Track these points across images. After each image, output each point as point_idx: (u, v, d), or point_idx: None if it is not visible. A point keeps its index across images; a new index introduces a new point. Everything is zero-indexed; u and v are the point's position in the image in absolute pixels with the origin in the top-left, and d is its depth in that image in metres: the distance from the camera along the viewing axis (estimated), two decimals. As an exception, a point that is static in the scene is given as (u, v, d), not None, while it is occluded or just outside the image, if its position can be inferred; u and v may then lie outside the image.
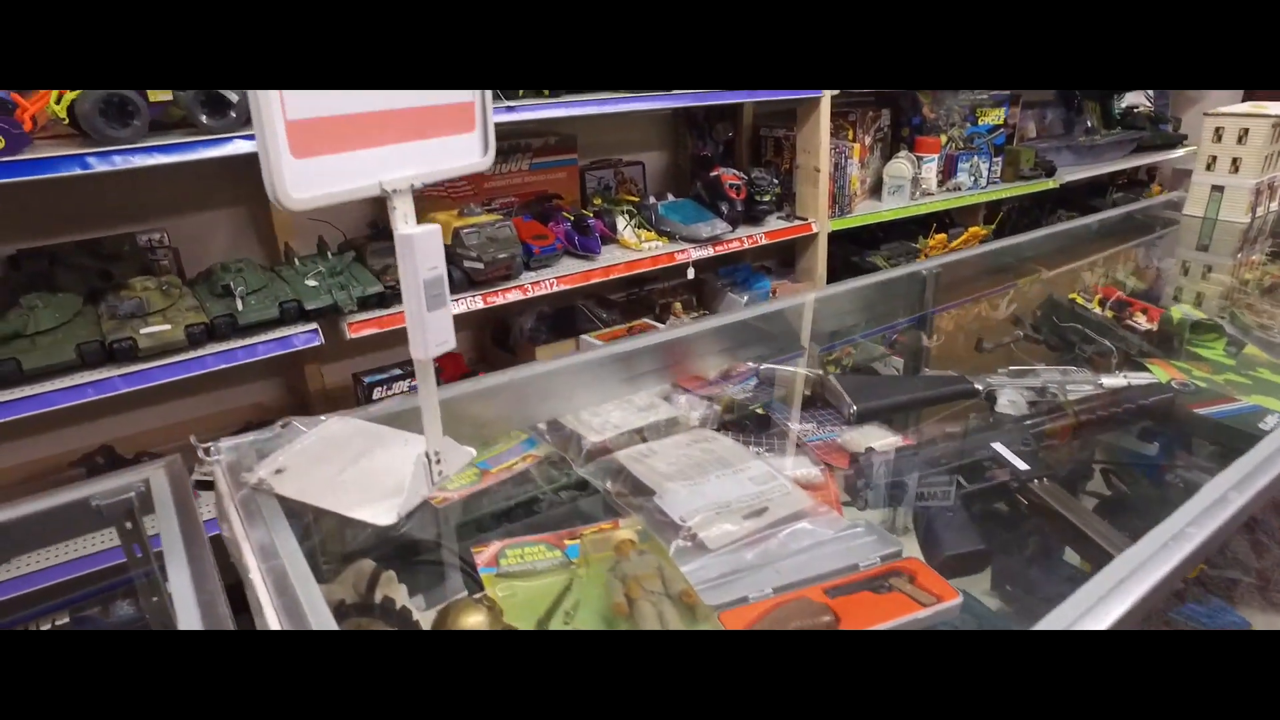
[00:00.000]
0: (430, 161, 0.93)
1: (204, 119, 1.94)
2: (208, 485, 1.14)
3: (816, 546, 1.14)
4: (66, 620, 1.95)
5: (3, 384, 1.87)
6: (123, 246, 2.31)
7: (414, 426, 1.14)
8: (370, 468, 1.05)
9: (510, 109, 2.32)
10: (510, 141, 2.85)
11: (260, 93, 0.74)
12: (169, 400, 2.59)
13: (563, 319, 2.93)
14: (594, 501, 1.29)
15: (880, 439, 1.41)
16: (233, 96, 1.95)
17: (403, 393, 2.38)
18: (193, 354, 2.03)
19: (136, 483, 1.07)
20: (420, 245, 0.87)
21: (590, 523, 1.23)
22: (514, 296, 2.45)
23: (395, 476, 1.03)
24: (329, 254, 2.38)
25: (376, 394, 2.32)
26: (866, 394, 1.54)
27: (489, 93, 1.02)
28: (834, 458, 1.38)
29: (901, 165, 3.50)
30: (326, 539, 1.07)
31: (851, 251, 3.58)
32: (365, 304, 2.23)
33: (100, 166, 1.84)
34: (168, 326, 1.99)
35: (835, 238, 3.27)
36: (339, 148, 0.78)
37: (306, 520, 1.01)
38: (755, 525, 1.14)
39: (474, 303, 2.38)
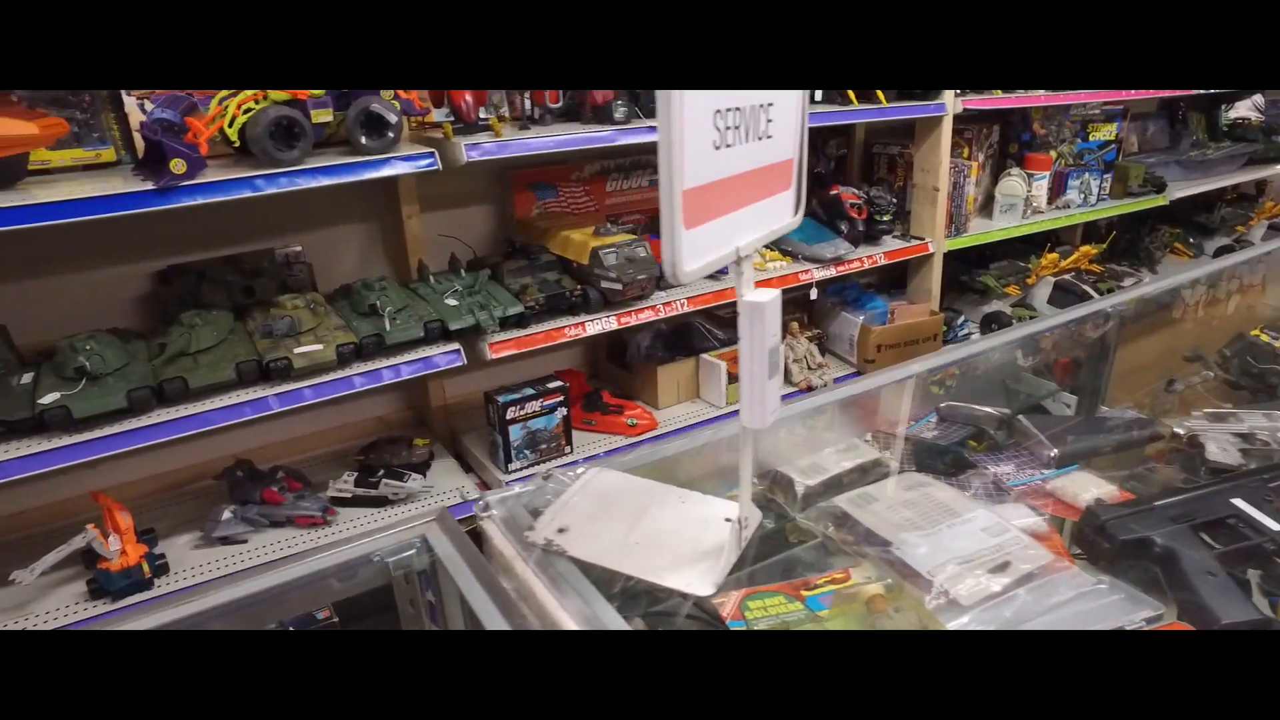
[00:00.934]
0: (763, 223, 0.89)
1: (363, 140, 1.95)
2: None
3: (1068, 605, 1.09)
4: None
5: (170, 401, 1.89)
6: (263, 262, 2.33)
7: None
8: (658, 529, 1.02)
9: (652, 129, 2.30)
10: (633, 158, 2.83)
11: (673, 160, 0.68)
12: (293, 413, 2.61)
13: (679, 336, 2.90)
14: (810, 548, 1.26)
15: (1095, 487, 1.36)
16: (390, 117, 1.95)
17: (536, 413, 2.36)
18: (340, 374, 2.04)
19: (413, 539, 1.05)
20: (770, 313, 0.82)
21: (813, 570, 1.20)
22: (646, 317, 2.43)
23: (691, 540, 1.00)
24: (461, 271, 2.38)
25: (510, 413, 2.31)
26: (1062, 436, 1.48)
27: (805, 148, 0.98)
28: (1053, 506, 1.32)
29: (1015, 183, 3.42)
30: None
31: (960, 270, 3.50)
32: (505, 324, 2.23)
33: (268, 189, 1.85)
34: (319, 346, 2.00)
35: (944, 257, 3.19)
36: (711, 215, 0.74)
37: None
38: (1005, 581, 1.10)
39: (608, 323, 2.36)
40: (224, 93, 1.94)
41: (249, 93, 1.86)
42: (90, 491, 2.08)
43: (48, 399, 1.78)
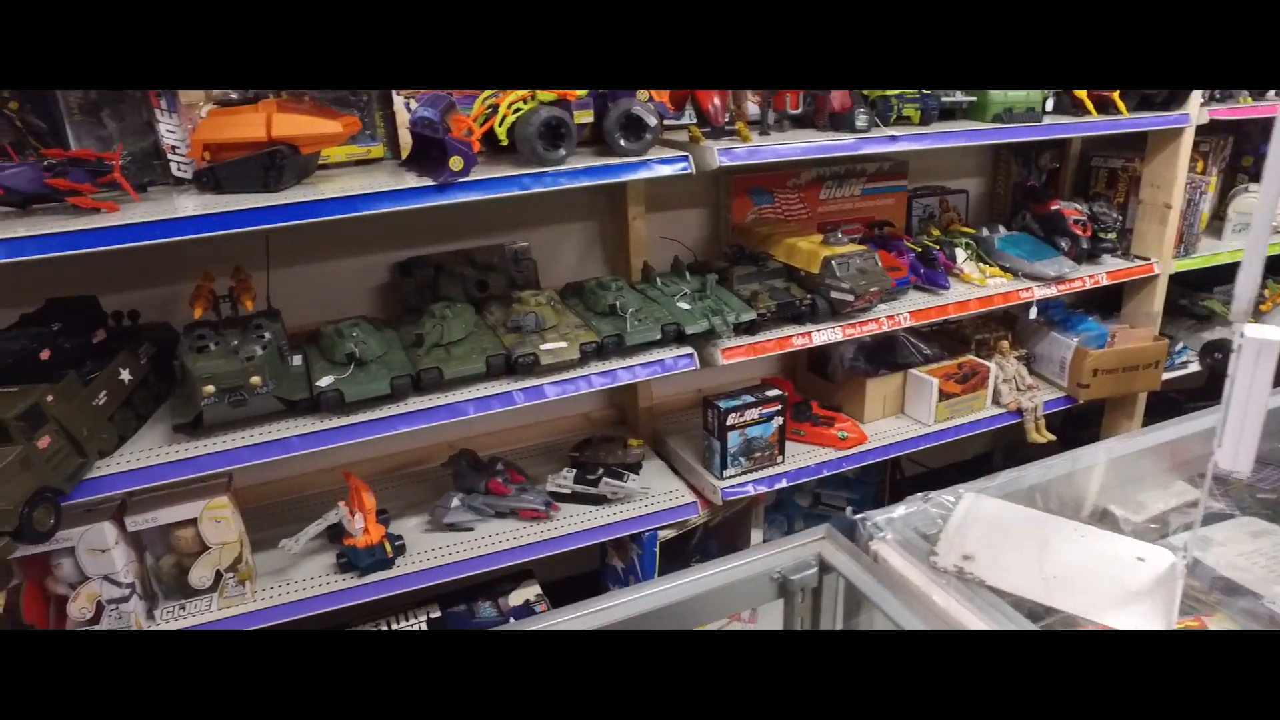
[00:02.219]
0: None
1: (622, 142, 1.96)
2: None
3: None
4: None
5: (426, 390, 1.95)
6: (494, 257, 2.39)
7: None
8: (1068, 563, 0.97)
9: (893, 139, 2.24)
10: (847, 166, 2.77)
11: None
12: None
13: (882, 350, 2.82)
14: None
15: None
16: (650, 120, 1.96)
17: (753, 421, 2.34)
18: (579, 372, 2.06)
19: (809, 559, 1.04)
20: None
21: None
22: (871, 329, 2.37)
23: (1113, 579, 0.95)
24: (686, 274, 2.37)
25: (730, 420, 2.29)
26: None
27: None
28: None
29: (1252, 200, 3.17)
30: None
31: (1179, 294, 3.27)
32: (736, 330, 2.21)
33: (535, 188, 1.88)
34: (564, 344, 2.03)
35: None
36: None
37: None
38: None
39: (833, 334, 2.31)
40: (487, 93, 2.00)
41: (519, 93, 1.90)
42: (342, 471, 2.17)
43: (324, 382, 1.87)
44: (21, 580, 1.84)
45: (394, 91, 2.08)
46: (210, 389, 1.73)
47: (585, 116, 1.96)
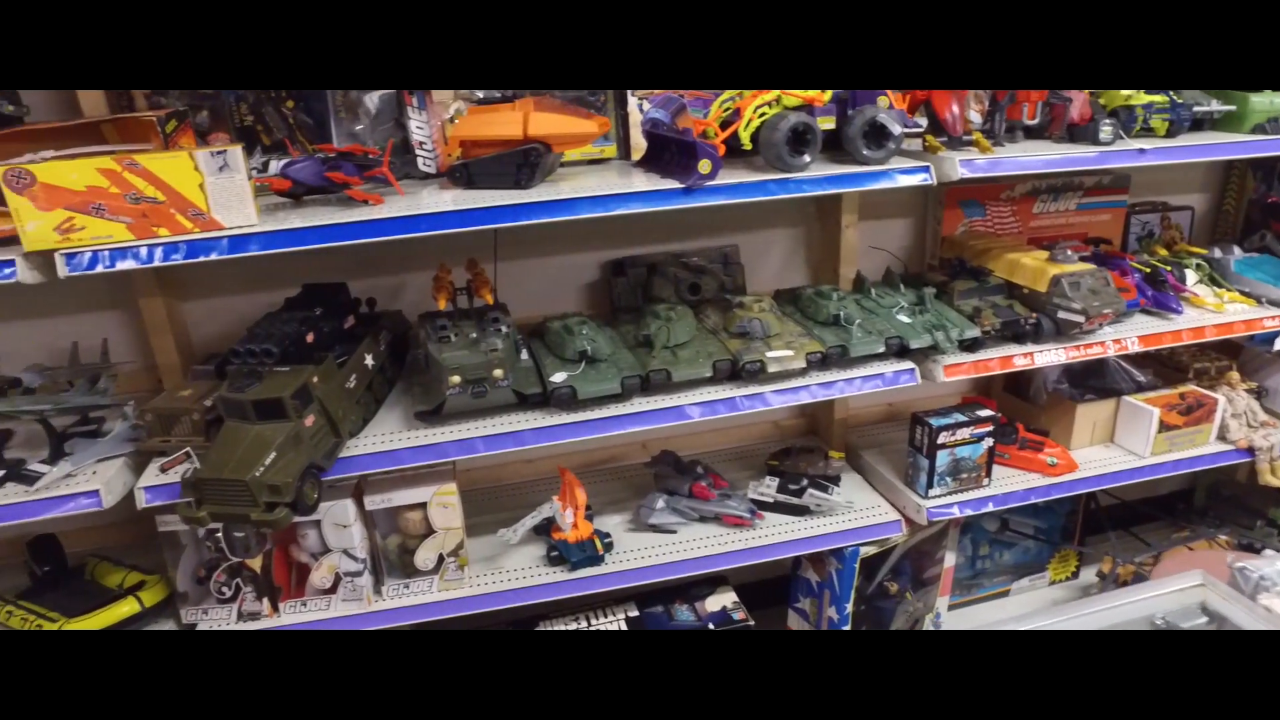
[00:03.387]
0: None
1: (865, 150, 1.91)
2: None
3: None
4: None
5: (653, 391, 1.96)
6: (708, 260, 2.38)
7: None
8: None
9: (1141, 153, 2.10)
10: (1064, 179, 2.63)
11: None
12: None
13: (1090, 374, 2.67)
14: None
15: None
16: (894, 128, 1.90)
17: (964, 441, 2.25)
18: (801, 381, 2.03)
19: (1193, 606, 0.98)
20: None
21: None
22: (1096, 352, 2.23)
23: None
24: (900, 286, 2.30)
25: (942, 439, 2.20)
26: None
27: None
28: None
29: None
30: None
31: None
32: (959, 347, 2.13)
33: (779, 193, 1.86)
34: (790, 352, 1.99)
35: None
36: None
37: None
38: None
39: (1057, 355, 2.20)
40: (725, 95, 1.99)
41: (765, 95, 1.87)
42: (558, 466, 2.21)
43: (557, 378, 1.89)
44: (272, 546, 1.95)
45: (629, 93, 2.10)
46: (457, 379, 1.78)
47: (827, 123, 1.92)
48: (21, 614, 1.96)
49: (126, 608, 1.90)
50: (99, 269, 1.59)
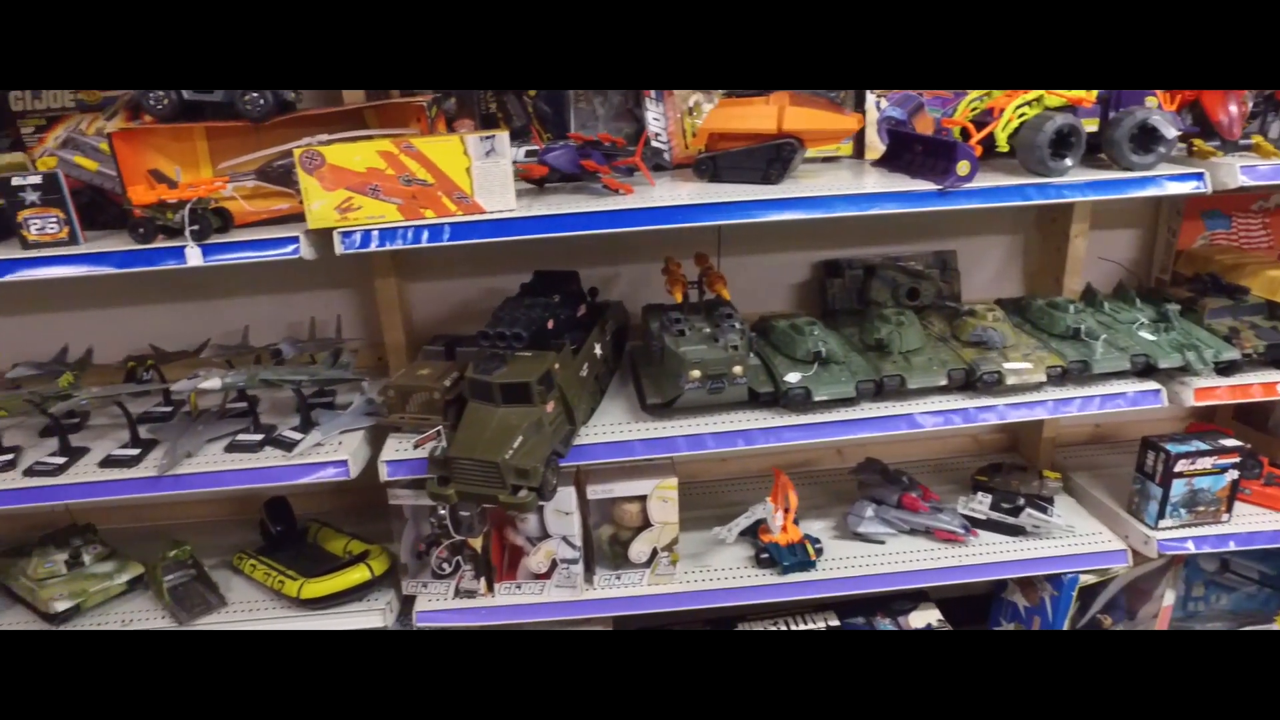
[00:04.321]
0: None
1: (1132, 155, 1.79)
2: None
3: None
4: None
5: (886, 396, 1.90)
6: (926, 265, 2.30)
7: None
8: None
9: None
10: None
11: None
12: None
13: (1336, 407, 2.44)
14: None
15: None
16: (1168, 132, 1.77)
17: (1204, 471, 2.08)
18: (1035, 396, 1.92)
19: None
20: None
21: None
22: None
23: None
24: (1136, 301, 2.15)
25: (1180, 466, 2.05)
26: None
27: None
28: None
29: None
30: None
31: None
32: (1215, 369, 1.98)
33: (1037, 199, 1.76)
34: (1028, 365, 1.89)
35: None
36: None
37: None
38: None
39: (1321, 385, 2.01)
40: (973, 94, 1.90)
41: (1027, 95, 1.78)
42: (773, 467, 2.17)
43: (792, 378, 1.85)
44: (490, 528, 1.98)
45: (868, 91, 2.04)
46: (697, 374, 1.77)
47: (1090, 125, 1.81)
48: (264, 568, 2.06)
49: (358, 574, 1.97)
50: (371, 248, 1.64)
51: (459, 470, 1.65)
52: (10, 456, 1.89)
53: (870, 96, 2.04)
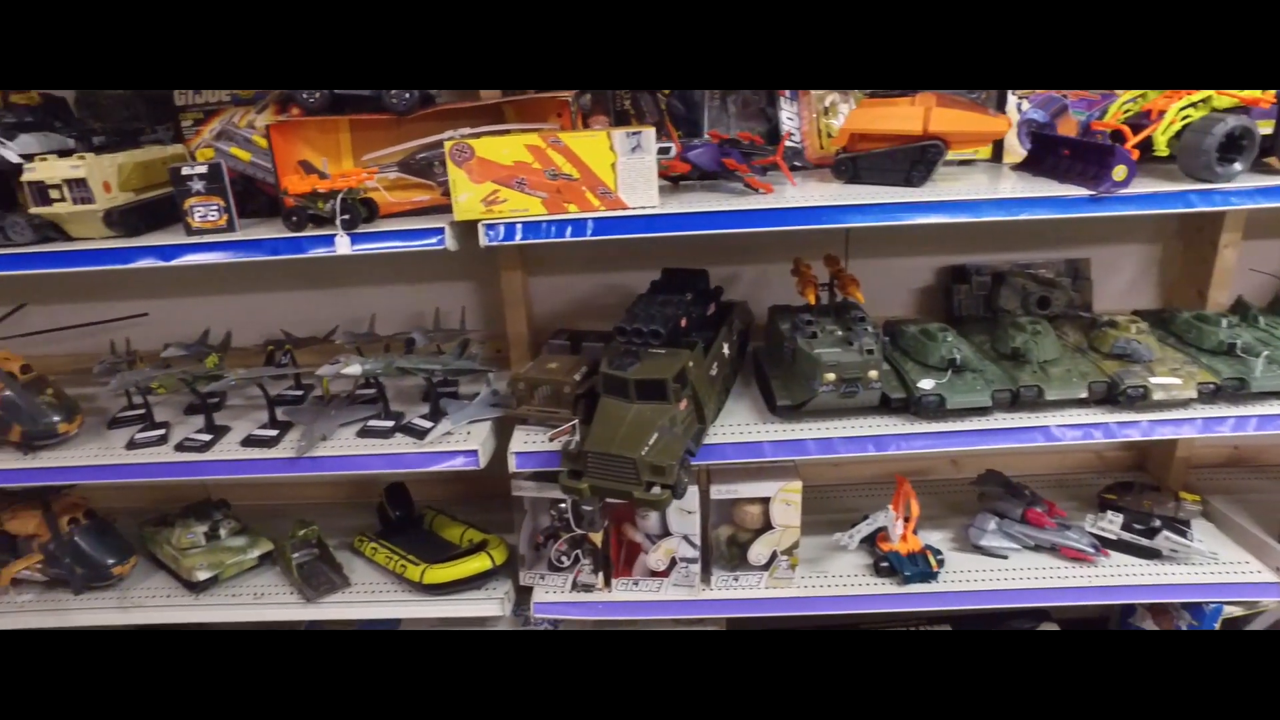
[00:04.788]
0: None
1: (1303, 163, 1.69)
2: None
3: None
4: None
5: (1022, 407, 1.84)
6: (1058, 273, 2.22)
7: None
8: None
9: None
10: None
11: None
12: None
13: None
14: None
15: None
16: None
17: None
18: (1184, 414, 1.83)
19: None
20: None
21: None
22: None
23: None
24: (1292, 318, 2.04)
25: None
26: None
27: None
28: None
29: None
30: None
31: None
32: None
33: (1200, 205, 1.69)
34: (1178, 380, 1.81)
35: None
36: None
37: None
38: None
39: None
40: (1126, 95, 1.83)
41: (1193, 96, 1.70)
42: (895, 475, 2.13)
43: (925, 385, 1.81)
44: (609, 524, 1.99)
45: (1010, 92, 1.98)
46: (831, 377, 1.74)
47: (1265, 127, 1.72)
48: (386, 552, 2.12)
49: (479, 563, 2.00)
50: (515, 241, 1.66)
51: (593, 465, 1.66)
52: (162, 431, 1.98)
53: (1011, 98, 1.98)
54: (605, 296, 2.32)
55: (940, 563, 2.02)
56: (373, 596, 2.07)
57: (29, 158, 1.73)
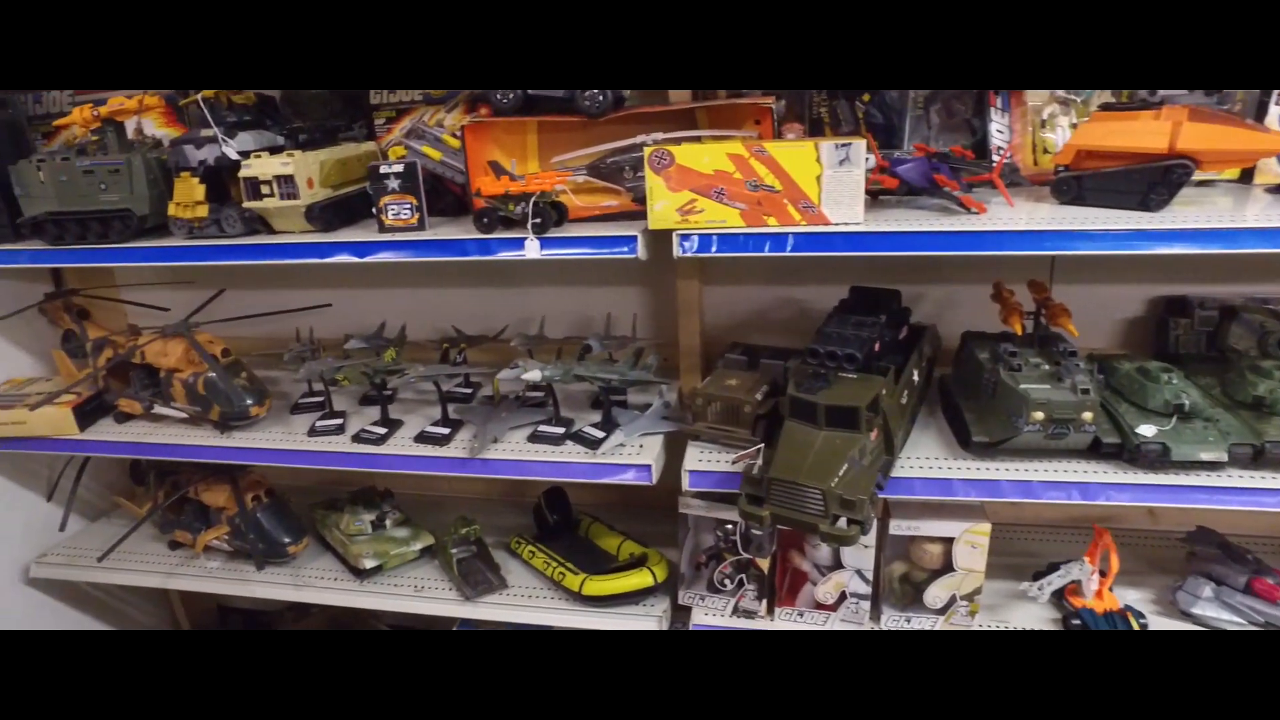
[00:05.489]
0: None
1: None
2: None
3: None
4: None
5: (1264, 465, 1.63)
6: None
7: None
8: None
9: None
10: None
11: None
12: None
13: None
14: None
15: None
16: None
17: None
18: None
19: None
20: None
21: None
22: None
23: None
24: None
25: None
26: None
27: None
28: None
29: None
30: None
31: None
32: None
33: None
34: None
35: None
36: None
37: None
38: None
39: None
40: None
41: None
42: (1094, 524, 1.94)
43: (1146, 431, 1.63)
44: (776, 550, 1.90)
45: (1272, 99, 1.76)
46: (1040, 416, 1.59)
47: None
48: (544, 556, 2.10)
49: (641, 579, 1.96)
50: (710, 253, 1.59)
51: (776, 492, 1.58)
52: (340, 420, 2.03)
53: (1275, 108, 1.75)
54: (780, 310, 2.23)
55: (1143, 627, 1.83)
56: (530, 601, 2.06)
57: (245, 154, 1.79)
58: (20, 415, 2.12)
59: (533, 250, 1.67)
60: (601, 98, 1.74)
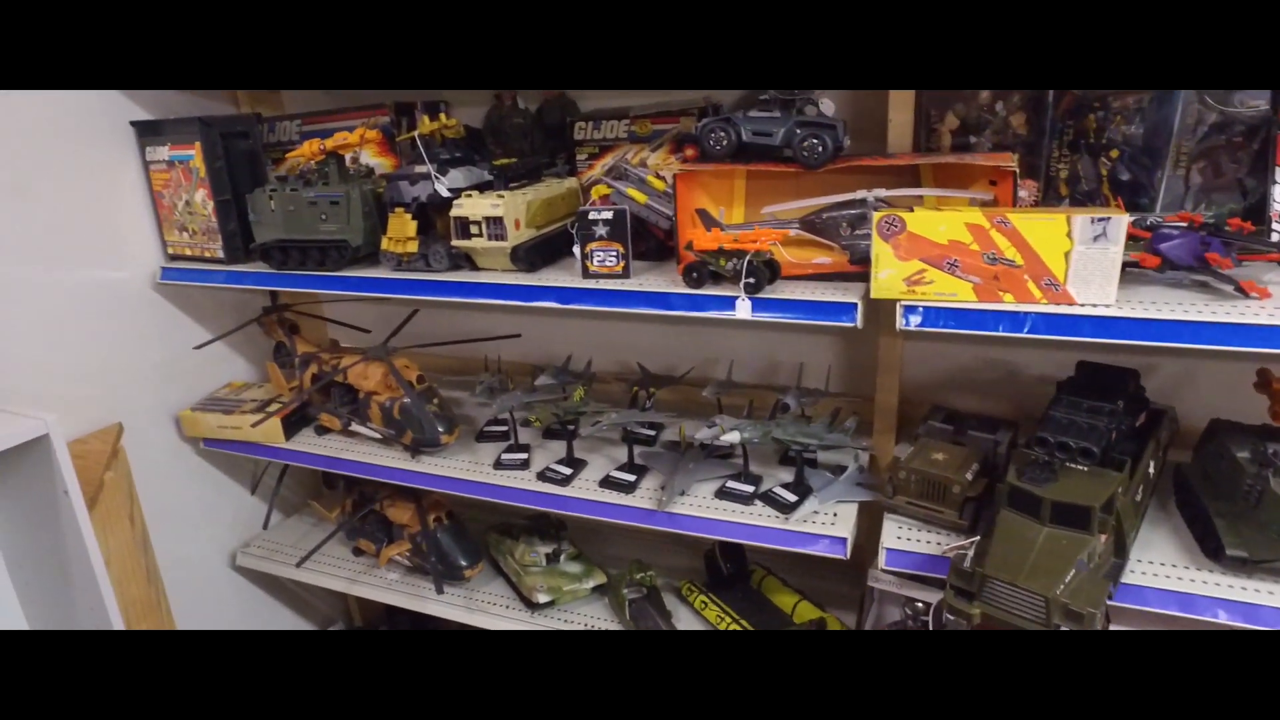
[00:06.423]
0: None
1: None
2: None
3: None
4: None
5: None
6: None
7: None
8: None
9: None
10: None
11: None
12: None
13: None
14: None
15: None
16: None
17: None
18: None
19: None
20: None
21: None
22: None
23: None
24: None
25: None
26: None
27: None
28: None
29: None
30: None
31: None
32: None
33: None
34: None
35: None
36: None
37: None
38: None
39: None
40: None
41: None
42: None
43: None
44: (975, 639, 1.76)
45: None
46: (1319, 537, 1.38)
47: None
48: (716, 609, 2.05)
49: (822, 651, 1.86)
50: (937, 328, 1.48)
51: (991, 590, 1.45)
52: (525, 455, 2.05)
53: None
54: (984, 371, 2.07)
55: None
56: (701, 655, 2.01)
57: (455, 192, 1.82)
58: (239, 421, 2.27)
59: (744, 311, 1.61)
60: (821, 148, 1.65)
